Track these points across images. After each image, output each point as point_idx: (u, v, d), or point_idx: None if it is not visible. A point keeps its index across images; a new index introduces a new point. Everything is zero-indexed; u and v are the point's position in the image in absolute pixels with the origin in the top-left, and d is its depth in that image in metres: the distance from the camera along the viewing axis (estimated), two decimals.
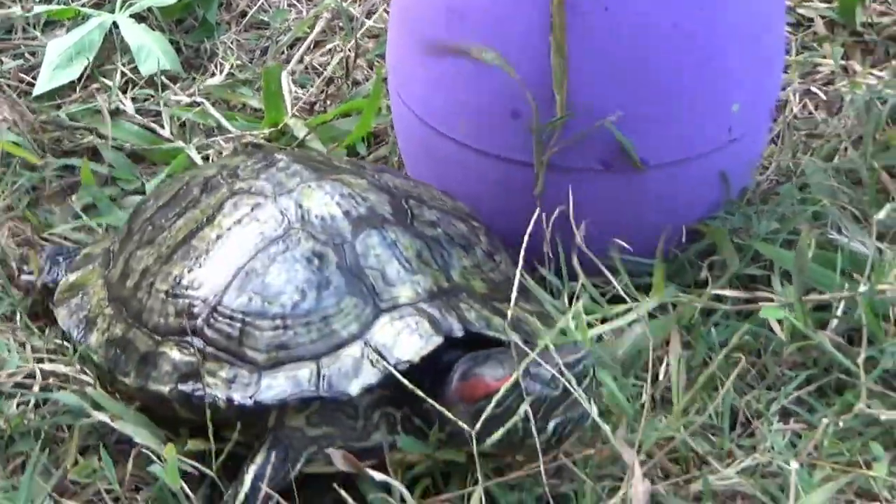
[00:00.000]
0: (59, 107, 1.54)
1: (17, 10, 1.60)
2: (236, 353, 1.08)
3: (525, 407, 1.01)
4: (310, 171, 1.17)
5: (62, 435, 1.20)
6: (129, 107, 1.53)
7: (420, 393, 1.03)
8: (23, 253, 1.32)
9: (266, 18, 1.65)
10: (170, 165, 1.45)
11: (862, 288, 1.18)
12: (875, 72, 1.50)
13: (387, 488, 1.04)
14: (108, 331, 1.17)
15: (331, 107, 1.51)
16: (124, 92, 1.55)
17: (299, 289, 1.08)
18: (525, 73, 1.19)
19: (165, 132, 1.50)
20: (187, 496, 1.07)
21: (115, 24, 1.58)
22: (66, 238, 1.38)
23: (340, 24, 1.60)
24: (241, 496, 1.06)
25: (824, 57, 1.54)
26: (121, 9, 1.61)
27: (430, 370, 1.06)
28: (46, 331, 1.29)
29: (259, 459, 1.07)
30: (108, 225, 1.41)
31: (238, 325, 1.09)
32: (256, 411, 1.07)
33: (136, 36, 1.57)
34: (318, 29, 1.60)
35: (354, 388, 1.05)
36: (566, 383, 1.00)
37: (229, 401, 1.07)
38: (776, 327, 1.19)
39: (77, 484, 1.16)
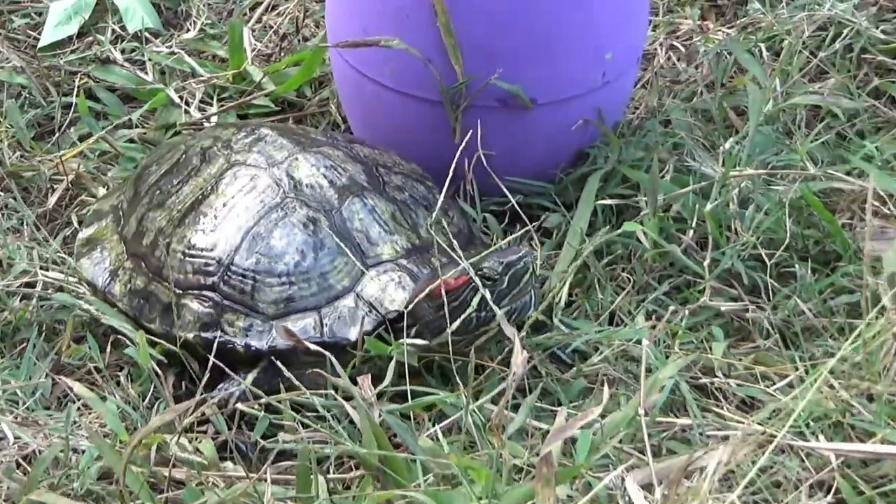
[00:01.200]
0: (60, 56, 1.47)
1: None
2: (249, 305, 1.05)
3: (477, 298, 1.00)
4: (293, 143, 1.12)
5: (59, 328, 1.16)
6: (119, 57, 1.46)
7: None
8: None
9: None
10: (149, 102, 1.39)
11: (709, 206, 1.14)
12: (724, 29, 1.46)
13: None
14: (129, 282, 1.11)
15: (283, 57, 1.45)
16: (114, 45, 1.48)
17: (299, 250, 1.04)
18: (433, 39, 1.14)
19: (149, 76, 1.44)
20: (157, 373, 1.03)
21: None
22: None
23: None
24: (235, 395, 1.03)
25: (685, 18, 1.48)
26: None
27: None
28: (50, 241, 1.23)
29: (257, 371, 1.04)
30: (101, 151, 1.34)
31: (250, 281, 1.05)
32: (269, 353, 1.04)
33: None
34: None
35: (353, 335, 1.03)
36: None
37: (247, 346, 1.04)
38: (643, 238, 1.14)
39: (71, 365, 1.12)
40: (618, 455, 0.93)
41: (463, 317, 1.00)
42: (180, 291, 1.07)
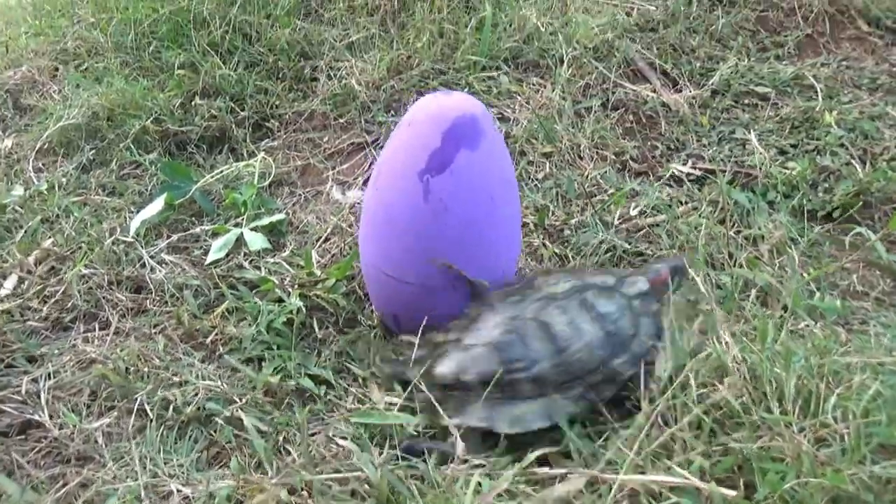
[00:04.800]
0: (217, 267, 1.44)
1: (198, 229, 1.52)
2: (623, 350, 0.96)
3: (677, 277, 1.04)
4: (524, 299, 1.04)
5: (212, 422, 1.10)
6: (248, 266, 1.44)
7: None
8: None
9: (306, 229, 1.56)
10: (263, 286, 1.37)
11: None
12: (554, 246, 1.49)
13: None
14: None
15: (332, 265, 1.44)
16: (245, 259, 1.46)
17: (610, 322, 0.98)
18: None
19: (263, 273, 1.41)
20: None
21: (242, 234, 1.50)
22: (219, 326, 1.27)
23: (338, 229, 1.53)
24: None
25: (534, 240, 1.51)
26: (244, 226, 1.52)
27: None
28: (205, 362, 1.19)
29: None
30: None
31: (609, 348, 0.96)
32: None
33: (250, 236, 1.49)
34: (328, 232, 1.53)
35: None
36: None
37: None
38: None
39: (221, 445, 1.05)
40: None
41: (673, 287, 1.02)
42: (570, 388, 0.95)
